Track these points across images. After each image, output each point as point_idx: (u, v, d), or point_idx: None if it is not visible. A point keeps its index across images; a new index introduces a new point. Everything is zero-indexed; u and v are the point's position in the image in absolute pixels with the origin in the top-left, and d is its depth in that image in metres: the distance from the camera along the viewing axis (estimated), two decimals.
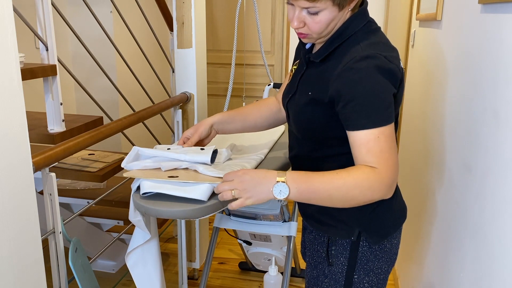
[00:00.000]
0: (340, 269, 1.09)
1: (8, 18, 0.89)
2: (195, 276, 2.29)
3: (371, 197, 0.89)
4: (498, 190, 0.94)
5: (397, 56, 0.96)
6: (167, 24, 2.26)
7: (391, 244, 1.10)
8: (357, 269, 1.08)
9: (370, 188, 0.88)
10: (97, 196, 1.80)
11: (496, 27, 1.00)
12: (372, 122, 0.88)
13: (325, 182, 0.89)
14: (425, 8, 1.85)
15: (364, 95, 0.89)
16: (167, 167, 1.04)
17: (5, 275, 0.93)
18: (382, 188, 0.88)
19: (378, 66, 0.89)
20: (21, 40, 1.10)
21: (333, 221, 1.07)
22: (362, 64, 0.89)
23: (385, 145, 0.88)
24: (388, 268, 1.12)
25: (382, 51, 0.92)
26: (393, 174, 0.88)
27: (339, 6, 0.93)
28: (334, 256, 1.09)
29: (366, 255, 1.07)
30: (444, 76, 1.46)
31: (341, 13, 0.95)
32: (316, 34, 0.97)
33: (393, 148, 0.89)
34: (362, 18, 0.99)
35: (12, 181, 0.93)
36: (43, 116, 1.58)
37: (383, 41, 0.97)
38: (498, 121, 0.96)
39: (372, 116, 0.89)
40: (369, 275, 1.09)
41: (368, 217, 1.04)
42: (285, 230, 1.57)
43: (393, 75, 0.92)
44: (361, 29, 0.98)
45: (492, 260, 0.95)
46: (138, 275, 1.24)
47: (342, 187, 0.88)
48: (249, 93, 3.54)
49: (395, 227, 1.09)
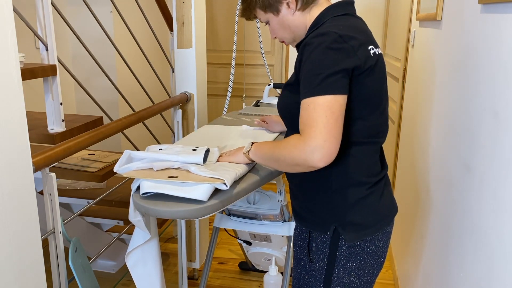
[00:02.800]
0: (320, 266, 1.11)
1: (8, 18, 0.89)
2: (195, 276, 2.29)
3: (296, 157, 0.93)
4: (498, 190, 0.94)
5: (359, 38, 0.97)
6: (167, 24, 2.26)
7: (376, 247, 1.09)
8: (336, 267, 1.08)
9: (295, 147, 0.93)
10: (97, 196, 1.80)
11: (496, 27, 1.00)
12: (307, 92, 0.93)
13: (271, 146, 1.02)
14: (425, 8, 1.85)
15: (308, 67, 0.94)
16: (159, 167, 1.04)
17: (5, 275, 0.93)
18: (302, 149, 0.91)
19: (328, 42, 0.93)
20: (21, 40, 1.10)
21: (311, 215, 1.10)
22: (315, 40, 0.95)
23: (313, 114, 0.91)
24: (373, 271, 1.11)
25: (341, 31, 0.95)
26: (312, 140, 0.89)
27: (272, 13, 1.07)
28: (315, 253, 1.11)
29: (345, 255, 1.07)
30: (444, 76, 1.46)
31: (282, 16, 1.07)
32: (285, 38, 1.12)
33: (322, 117, 0.90)
34: (337, 10, 1.04)
35: (12, 181, 0.93)
36: (43, 116, 1.58)
37: (348, 24, 1.00)
38: (498, 121, 0.96)
39: (308, 86, 0.93)
40: (350, 276, 1.09)
41: (345, 214, 1.05)
42: (285, 230, 1.57)
43: (344, 52, 0.93)
44: (335, 17, 1.03)
45: (492, 260, 0.95)
46: (138, 275, 1.24)
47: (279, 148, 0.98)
48: (249, 93, 3.54)
49: (374, 228, 1.07)
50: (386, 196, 1.10)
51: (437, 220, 1.45)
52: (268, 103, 2.08)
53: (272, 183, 1.36)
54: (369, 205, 1.06)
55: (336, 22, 1.01)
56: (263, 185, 1.16)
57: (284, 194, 1.48)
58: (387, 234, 1.11)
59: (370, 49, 0.99)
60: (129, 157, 1.10)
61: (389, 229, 1.12)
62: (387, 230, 1.11)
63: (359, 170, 1.04)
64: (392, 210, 1.12)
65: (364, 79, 0.97)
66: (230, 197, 1.02)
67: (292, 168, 0.96)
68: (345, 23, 1.00)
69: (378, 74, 1.01)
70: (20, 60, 1.23)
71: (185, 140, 1.41)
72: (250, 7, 1.10)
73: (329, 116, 0.90)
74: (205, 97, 2.15)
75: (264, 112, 1.86)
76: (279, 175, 1.22)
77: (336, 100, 0.91)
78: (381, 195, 1.08)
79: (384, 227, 1.09)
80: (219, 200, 0.98)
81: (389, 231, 1.12)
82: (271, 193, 1.54)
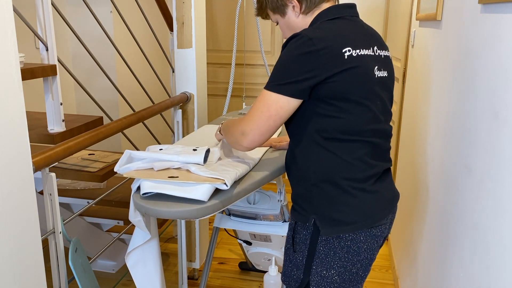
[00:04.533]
0: (301, 257, 1.15)
1: (8, 18, 0.89)
2: (195, 276, 2.29)
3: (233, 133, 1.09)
4: (498, 190, 0.94)
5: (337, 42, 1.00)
6: (167, 24, 2.26)
7: (359, 248, 1.08)
8: (315, 260, 1.12)
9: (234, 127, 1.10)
10: (97, 196, 1.80)
11: (496, 27, 1.00)
12: (266, 84, 1.03)
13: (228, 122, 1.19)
14: (425, 8, 1.85)
15: (276, 63, 1.03)
16: (159, 167, 1.05)
17: (5, 275, 0.93)
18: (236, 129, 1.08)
19: (297, 44, 0.99)
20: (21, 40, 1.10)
21: (296, 205, 1.15)
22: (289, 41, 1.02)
23: (256, 103, 1.04)
24: (356, 271, 1.11)
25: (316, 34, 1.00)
26: (244, 125, 1.05)
27: (280, 15, 1.15)
28: (298, 244, 1.16)
29: (324, 250, 1.10)
30: (444, 76, 1.47)
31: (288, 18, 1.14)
32: None
33: (259, 109, 1.02)
34: (329, 14, 1.10)
35: (12, 181, 0.93)
36: (43, 116, 1.58)
37: (328, 27, 1.04)
38: (498, 121, 0.96)
39: (269, 79, 1.03)
40: (329, 270, 1.11)
41: (322, 207, 1.08)
42: (285, 230, 1.57)
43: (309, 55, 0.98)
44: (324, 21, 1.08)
45: (492, 260, 0.95)
46: (138, 275, 1.24)
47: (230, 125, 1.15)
48: (249, 93, 3.54)
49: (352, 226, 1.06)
50: (373, 197, 1.07)
51: (436, 220, 1.45)
52: None
53: (272, 183, 1.36)
54: (349, 202, 1.05)
55: (319, 25, 1.06)
56: (263, 185, 1.16)
57: (284, 194, 1.47)
58: (373, 236, 1.09)
59: (345, 52, 1.00)
60: (130, 157, 1.10)
61: (375, 231, 1.09)
62: (372, 232, 1.09)
63: (337, 167, 1.05)
64: (379, 213, 1.09)
65: (334, 81, 0.99)
66: (230, 197, 1.02)
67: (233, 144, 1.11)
68: (326, 26, 1.04)
69: (355, 75, 1.01)
70: (20, 60, 1.23)
71: (185, 140, 1.41)
72: (262, 8, 1.19)
73: (264, 111, 1.02)
74: (205, 97, 2.15)
75: None
76: (279, 175, 1.22)
77: (277, 101, 1.01)
78: (366, 195, 1.07)
79: (366, 227, 1.07)
80: (220, 200, 0.98)
81: (375, 233, 1.09)
82: (271, 193, 1.54)
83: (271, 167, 1.20)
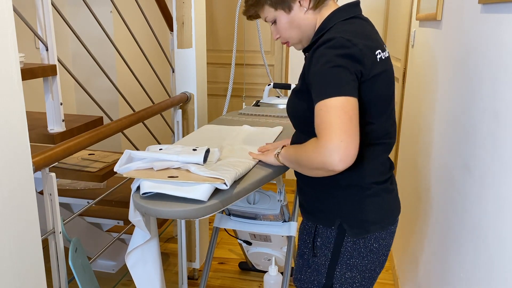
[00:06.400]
0: (323, 261, 1.13)
1: (8, 18, 0.89)
2: (195, 276, 2.29)
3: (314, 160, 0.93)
4: (498, 190, 0.94)
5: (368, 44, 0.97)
6: (167, 24, 2.26)
7: (379, 245, 1.10)
8: (339, 263, 1.10)
9: (313, 151, 0.93)
10: (97, 196, 1.80)
11: (496, 27, 1.00)
12: (317, 97, 0.93)
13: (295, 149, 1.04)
14: (425, 8, 1.85)
15: (316, 73, 0.95)
16: (159, 166, 1.05)
17: (5, 275, 0.93)
18: (320, 153, 0.90)
19: (335, 47, 0.94)
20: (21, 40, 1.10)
21: (319, 210, 1.12)
22: (324, 45, 0.95)
23: (326, 116, 0.90)
24: (375, 268, 1.13)
25: (349, 35, 0.95)
26: (328, 143, 0.88)
27: (283, 10, 1.03)
28: (319, 248, 1.13)
29: (349, 251, 1.09)
30: (444, 76, 1.46)
31: (293, 14, 1.04)
32: (290, 39, 1.09)
33: (335, 118, 0.89)
34: (346, 13, 1.04)
35: (12, 181, 0.93)
36: (43, 116, 1.58)
37: (354, 29, 1.00)
38: (498, 121, 0.96)
39: (319, 91, 0.93)
40: (352, 271, 1.10)
41: (351, 210, 1.07)
42: (285, 230, 1.57)
43: (351, 56, 0.93)
44: (343, 21, 1.02)
45: (492, 260, 0.95)
46: (138, 275, 1.24)
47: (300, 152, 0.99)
48: (249, 93, 3.54)
49: (378, 226, 1.09)
50: (392, 195, 1.12)
51: (437, 220, 1.45)
52: (268, 103, 2.07)
53: (272, 183, 1.36)
54: (374, 203, 1.07)
55: (343, 27, 1.00)
56: (263, 185, 1.16)
57: (284, 194, 1.47)
58: (391, 233, 1.13)
59: (377, 54, 0.99)
60: (130, 157, 1.10)
61: (392, 228, 1.13)
62: (390, 229, 1.12)
63: (368, 170, 1.06)
64: (396, 210, 1.14)
65: (370, 85, 0.97)
66: (230, 197, 1.02)
67: (313, 172, 0.96)
68: (351, 28, 0.99)
69: (385, 79, 1.01)
70: (20, 60, 1.23)
71: (185, 140, 1.41)
72: (258, 4, 1.07)
73: (342, 116, 0.89)
74: (205, 97, 2.15)
75: (264, 112, 1.86)
76: (279, 175, 1.22)
77: (348, 101, 0.90)
78: (387, 194, 1.10)
79: (388, 226, 1.11)
80: (219, 200, 0.98)
81: (392, 230, 1.13)
82: (271, 193, 1.53)
83: (271, 167, 1.20)
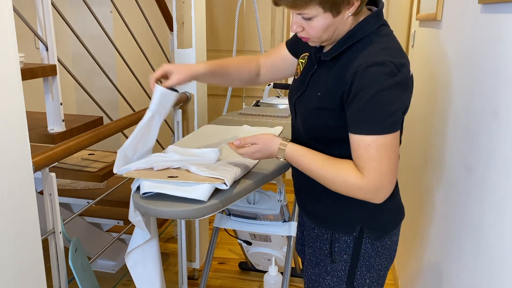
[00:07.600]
0: (343, 266, 1.11)
1: (8, 18, 0.89)
2: (195, 276, 2.29)
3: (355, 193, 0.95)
4: (498, 190, 0.94)
5: (407, 63, 0.95)
6: (167, 24, 2.26)
7: (392, 241, 1.12)
8: (359, 265, 1.10)
9: (354, 183, 0.94)
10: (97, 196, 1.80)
11: (496, 27, 1.00)
12: (366, 130, 0.91)
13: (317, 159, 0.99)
14: (425, 8, 1.85)
15: (366, 101, 0.90)
16: (159, 167, 1.05)
17: (5, 275, 0.93)
18: (364, 189, 0.93)
19: (387, 75, 0.89)
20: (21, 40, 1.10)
21: (337, 217, 1.09)
22: (373, 70, 0.90)
23: (375, 154, 0.91)
24: (387, 264, 1.14)
25: (394, 57, 0.91)
26: (376, 183, 0.91)
27: (332, 13, 0.92)
28: (337, 254, 1.11)
29: (368, 252, 1.09)
30: (444, 76, 1.46)
31: (337, 19, 0.94)
32: (315, 38, 0.98)
33: (385, 158, 0.90)
34: (377, 20, 0.98)
35: (12, 181, 0.93)
36: (43, 116, 1.58)
37: (395, 46, 0.96)
38: (498, 121, 0.96)
39: (368, 123, 0.91)
40: (370, 272, 1.10)
41: (369, 214, 1.06)
42: (285, 230, 1.57)
43: (401, 86, 0.91)
44: (375, 31, 0.97)
45: (492, 260, 0.95)
46: (138, 275, 1.24)
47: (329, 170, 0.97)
48: (249, 93, 3.54)
49: (395, 224, 1.11)
50: (397, 192, 1.13)
51: (437, 220, 1.45)
52: (268, 103, 2.07)
53: (272, 183, 1.35)
54: (391, 202, 1.07)
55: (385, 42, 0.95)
56: (263, 185, 1.16)
57: (284, 194, 1.47)
58: (399, 228, 1.15)
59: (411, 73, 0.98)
60: (125, 155, 1.10)
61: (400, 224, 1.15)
62: (399, 226, 1.15)
63: None
64: (402, 205, 1.16)
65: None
66: (230, 197, 1.02)
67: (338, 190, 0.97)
68: (391, 45, 0.95)
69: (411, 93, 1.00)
70: (20, 60, 1.23)
71: (185, 140, 1.41)
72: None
73: (391, 156, 0.91)
74: (205, 97, 2.15)
75: (264, 112, 1.86)
76: (279, 175, 1.22)
77: (395, 138, 0.91)
78: (398, 193, 1.12)
79: (400, 222, 1.14)
80: (219, 200, 0.98)
81: (400, 226, 1.15)
82: (271, 193, 1.53)
83: (271, 167, 1.20)
